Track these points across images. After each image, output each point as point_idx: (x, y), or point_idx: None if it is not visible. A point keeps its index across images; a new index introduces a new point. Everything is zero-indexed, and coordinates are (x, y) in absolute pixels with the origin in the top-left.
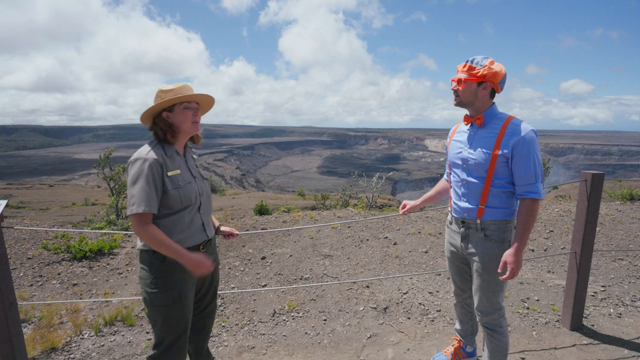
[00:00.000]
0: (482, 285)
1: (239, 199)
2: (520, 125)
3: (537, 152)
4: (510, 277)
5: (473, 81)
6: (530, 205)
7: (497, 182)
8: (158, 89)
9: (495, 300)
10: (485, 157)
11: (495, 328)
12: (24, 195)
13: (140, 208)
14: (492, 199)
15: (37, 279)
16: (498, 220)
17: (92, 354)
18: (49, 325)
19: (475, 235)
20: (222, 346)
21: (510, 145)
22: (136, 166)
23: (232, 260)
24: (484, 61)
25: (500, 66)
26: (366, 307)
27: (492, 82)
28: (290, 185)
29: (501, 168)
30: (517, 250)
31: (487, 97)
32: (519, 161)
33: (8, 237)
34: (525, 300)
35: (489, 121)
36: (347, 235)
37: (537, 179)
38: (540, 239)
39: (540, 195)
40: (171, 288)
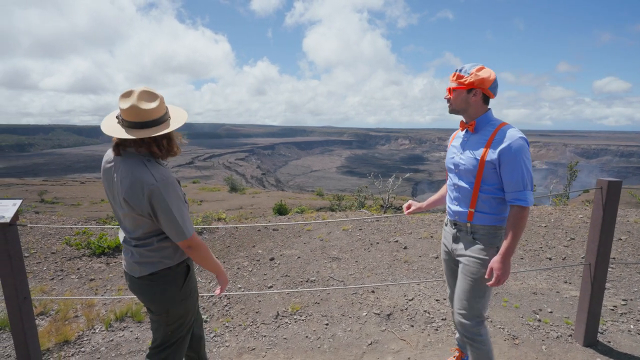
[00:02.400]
0: (465, 288)
1: (258, 197)
2: (509, 132)
3: (526, 160)
4: (495, 284)
5: (462, 89)
6: (517, 213)
7: (486, 188)
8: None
9: (476, 306)
10: (474, 163)
11: (474, 336)
12: (58, 191)
13: (193, 228)
14: (481, 204)
15: (58, 273)
16: (488, 225)
17: (101, 348)
18: (64, 319)
19: (465, 238)
20: (223, 346)
21: (497, 152)
22: (169, 190)
23: (241, 261)
24: (472, 69)
25: (489, 72)
26: (369, 313)
27: (482, 88)
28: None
29: (489, 174)
30: (504, 257)
31: (479, 104)
32: (506, 168)
33: (36, 232)
34: (537, 311)
35: (482, 127)
36: (358, 237)
37: (525, 187)
38: (560, 247)
39: (528, 203)
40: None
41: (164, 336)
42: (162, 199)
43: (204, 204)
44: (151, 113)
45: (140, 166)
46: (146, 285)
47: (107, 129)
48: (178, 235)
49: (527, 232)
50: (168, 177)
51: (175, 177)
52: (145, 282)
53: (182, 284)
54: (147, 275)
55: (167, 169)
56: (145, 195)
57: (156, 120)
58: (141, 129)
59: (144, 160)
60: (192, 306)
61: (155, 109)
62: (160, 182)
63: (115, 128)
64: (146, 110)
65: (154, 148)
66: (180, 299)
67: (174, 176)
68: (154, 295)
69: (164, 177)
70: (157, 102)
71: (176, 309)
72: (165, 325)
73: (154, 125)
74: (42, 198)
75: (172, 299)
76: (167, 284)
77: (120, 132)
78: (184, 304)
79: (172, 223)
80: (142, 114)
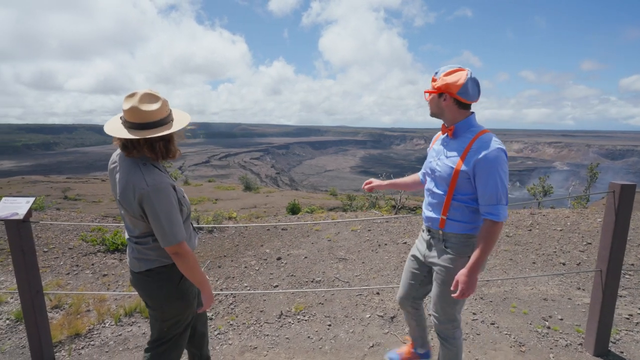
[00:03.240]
0: (439, 294)
1: (272, 197)
2: (486, 142)
3: (502, 173)
4: (460, 297)
5: (434, 93)
6: (489, 227)
7: (460, 197)
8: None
9: (450, 312)
10: (449, 172)
11: (447, 338)
12: (81, 188)
13: (182, 236)
14: (453, 211)
15: (74, 268)
16: (459, 233)
17: (110, 342)
18: (76, 313)
19: (437, 245)
20: (226, 344)
21: (472, 163)
22: (160, 196)
23: (248, 259)
24: (442, 72)
25: (458, 76)
26: (373, 315)
27: (449, 93)
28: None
29: (463, 184)
30: (470, 270)
31: (453, 109)
32: (480, 180)
33: (55, 229)
34: (546, 318)
35: (461, 133)
36: (366, 238)
37: (498, 201)
38: (575, 252)
39: (500, 218)
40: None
41: (159, 332)
42: (151, 203)
43: (219, 202)
44: (151, 115)
45: (134, 169)
46: (144, 281)
47: (109, 128)
48: (164, 240)
49: (540, 235)
50: (160, 183)
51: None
52: (143, 277)
53: (177, 282)
54: (145, 271)
55: (162, 173)
56: (136, 198)
57: (156, 122)
58: (141, 130)
59: (140, 163)
60: (190, 305)
61: (156, 111)
62: (151, 187)
63: (117, 128)
64: (146, 111)
65: (145, 150)
66: (175, 296)
67: (168, 181)
68: (151, 291)
69: (156, 182)
70: (158, 105)
71: (171, 306)
72: (161, 321)
73: (154, 126)
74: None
75: (168, 296)
76: (163, 280)
77: (122, 132)
78: (180, 302)
79: (159, 228)
80: (143, 115)
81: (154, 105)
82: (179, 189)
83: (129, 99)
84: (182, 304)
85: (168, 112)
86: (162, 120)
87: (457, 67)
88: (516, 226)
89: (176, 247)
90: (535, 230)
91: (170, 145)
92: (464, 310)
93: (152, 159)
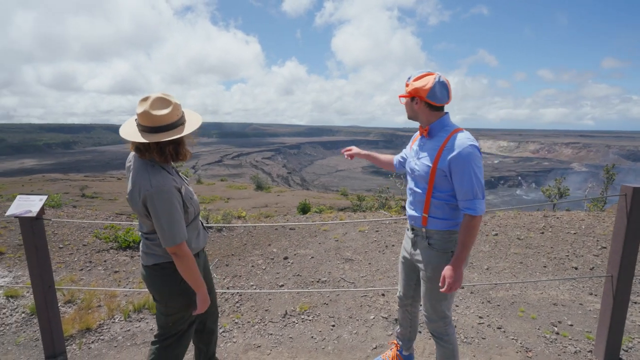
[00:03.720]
0: (426, 292)
1: (283, 196)
2: (460, 140)
3: (476, 168)
4: (447, 291)
5: (407, 97)
6: (467, 222)
7: (439, 195)
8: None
9: (440, 309)
10: (426, 170)
11: (441, 336)
12: (98, 186)
13: (181, 238)
14: (434, 209)
15: (87, 264)
16: (441, 230)
17: (119, 337)
18: (87, 308)
19: (421, 243)
20: (230, 342)
21: (447, 161)
22: (162, 198)
23: (255, 259)
24: (412, 77)
25: (426, 81)
26: (377, 316)
27: (419, 97)
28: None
29: (441, 181)
30: (455, 264)
31: (425, 111)
32: (455, 177)
33: (71, 225)
34: (555, 324)
35: (436, 133)
36: (373, 239)
37: (474, 196)
38: (589, 256)
39: (477, 212)
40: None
41: (164, 326)
42: (154, 205)
43: (231, 201)
44: (162, 119)
45: (142, 170)
46: (151, 275)
47: (124, 132)
48: (164, 240)
49: (553, 238)
50: (163, 185)
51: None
52: (150, 271)
53: (181, 279)
54: (152, 265)
55: (168, 176)
56: (140, 199)
57: (167, 126)
58: (153, 134)
59: (149, 165)
60: (193, 303)
61: (166, 116)
62: (155, 188)
63: (131, 132)
64: (157, 116)
65: (154, 153)
66: (178, 292)
67: (172, 184)
68: (156, 285)
69: (160, 184)
70: (169, 109)
71: (174, 301)
72: (165, 315)
73: (165, 130)
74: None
75: (171, 291)
76: (167, 276)
77: (135, 136)
78: (182, 299)
79: (160, 229)
80: (154, 120)
81: (164, 110)
82: (187, 190)
83: (142, 103)
84: (184, 301)
85: (179, 115)
86: (172, 124)
87: (426, 72)
88: (528, 229)
89: (175, 248)
90: (547, 233)
91: (180, 148)
92: (470, 314)
93: (161, 161)
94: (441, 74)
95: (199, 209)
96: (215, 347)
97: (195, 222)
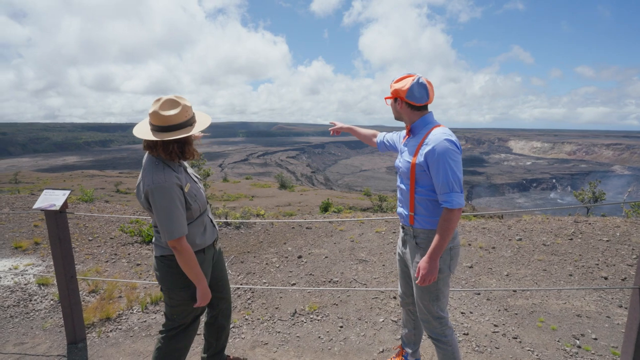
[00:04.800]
0: (417, 292)
1: (306, 195)
2: (436, 135)
3: (451, 162)
4: (421, 283)
5: (390, 98)
6: (445, 215)
7: (420, 190)
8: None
9: (433, 309)
10: (407, 166)
11: (439, 337)
12: (131, 182)
13: (179, 233)
14: (418, 206)
15: (112, 257)
16: (427, 229)
17: (135, 327)
18: (109, 298)
19: (410, 243)
20: (239, 338)
21: (423, 155)
22: (162, 194)
23: (270, 256)
24: (393, 80)
25: (404, 82)
26: (387, 319)
27: (400, 97)
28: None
29: (421, 177)
30: (430, 256)
31: (407, 111)
32: (432, 171)
33: (100, 219)
34: (577, 336)
35: (418, 131)
36: (390, 240)
37: (450, 189)
38: (622, 266)
39: (453, 205)
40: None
41: (169, 317)
42: (154, 200)
43: (255, 199)
44: (169, 119)
45: (149, 167)
46: (158, 265)
47: (137, 131)
48: (163, 234)
49: (582, 246)
50: (164, 182)
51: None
52: (158, 262)
53: (183, 272)
54: (159, 256)
55: (171, 173)
56: (143, 194)
57: (174, 126)
58: (161, 132)
59: (155, 162)
60: (194, 297)
61: (174, 116)
62: (155, 184)
63: (143, 130)
64: (165, 116)
65: (160, 151)
66: (180, 285)
67: (174, 181)
68: (161, 275)
69: (160, 180)
70: (177, 110)
71: (176, 293)
72: (170, 307)
73: (173, 129)
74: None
75: (174, 283)
76: (171, 268)
77: (146, 134)
78: (183, 292)
79: (159, 223)
80: (162, 119)
81: (172, 110)
82: (193, 188)
83: (154, 103)
84: (186, 294)
85: (188, 116)
86: (180, 124)
87: (406, 74)
88: (555, 234)
89: (174, 242)
90: (577, 239)
91: (185, 147)
92: (484, 321)
93: (167, 159)
94: (421, 75)
95: (206, 206)
96: (225, 342)
97: (201, 218)
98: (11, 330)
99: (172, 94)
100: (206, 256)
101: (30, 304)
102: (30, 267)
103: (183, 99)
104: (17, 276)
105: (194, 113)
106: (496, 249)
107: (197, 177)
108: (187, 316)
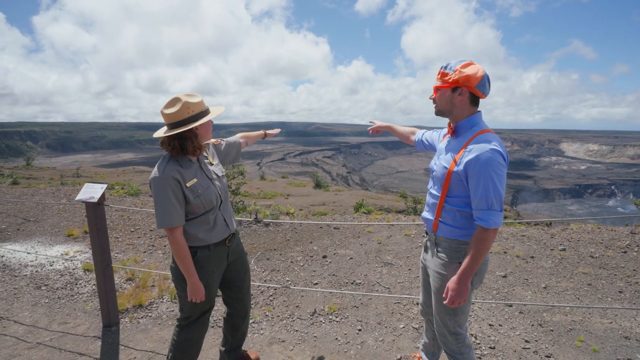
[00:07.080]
0: (436, 304)
1: (341, 195)
2: (482, 142)
3: (494, 176)
4: (450, 304)
5: (446, 88)
6: (479, 234)
7: (452, 200)
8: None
9: (450, 324)
10: (443, 172)
11: (454, 354)
12: None
13: (168, 224)
14: (445, 215)
15: (150, 248)
16: (450, 238)
17: (163, 316)
18: (143, 287)
19: (432, 249)
20: (258, 333)
21: (463, 164)
22: (155, 185)
23: (295, 255)
24: (457, 65)
25: (477, 68)
26: (407, 326)
27: (467, 86)
28: (395, 186)
29: (456, 186)
30: (460, 277)
31: (466, 104)
32: (471, 182)
33: (143, 212)
34: None
35: (463, 132)
36: (418, 244)
37: (489, 206)
38: None
39: (489, 225)
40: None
41: (181, 306)
42: (152, 190)
43: (290, 198)
44: (169, 117)
45: (159, 160)
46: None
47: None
48: (157, 222)
49: (638, 260)
50: (162, 174)
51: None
52: None
53: None
54: None
55: (173, 165)
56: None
57: (175, 123)
58: (168, 129)
59: (164, 156)
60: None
61: (173, 114)
62: (153, 176)
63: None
64: (165, 114)
65: (166, 147)
66: (182, 277)
67: (171, 174)
68: (172, 266)
69: (158, 172)
70: (175, 108)
71: (179, 284)
72: (179, 297)
73: (178, 126)
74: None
75: (178, 273)
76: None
77: (159, 132)
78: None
79: (155, 212)
80: (164, 117)
81: (171, 108)
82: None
83: None
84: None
85: (190, 113)
86: (180, 121)
87: (469, 61)
88: (606, 245)
89: (166, 231)
90: (632, 252)
91: (186, 143)
92: (515, 335)
93: (173, 154)
94: None
95: (213, 204)
96: (242, 340)
97: (206, 216)
98: (58, 310)
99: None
100: (212, 253)
101: (76, 287)
102: (78, 254)
103: (187, 95)
104: (67, 261)
105: (205, 109)
106: (535, 258)
107: (217, 174)
108: (192, 309)
